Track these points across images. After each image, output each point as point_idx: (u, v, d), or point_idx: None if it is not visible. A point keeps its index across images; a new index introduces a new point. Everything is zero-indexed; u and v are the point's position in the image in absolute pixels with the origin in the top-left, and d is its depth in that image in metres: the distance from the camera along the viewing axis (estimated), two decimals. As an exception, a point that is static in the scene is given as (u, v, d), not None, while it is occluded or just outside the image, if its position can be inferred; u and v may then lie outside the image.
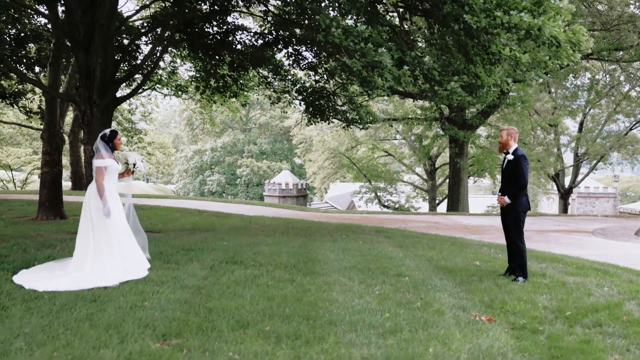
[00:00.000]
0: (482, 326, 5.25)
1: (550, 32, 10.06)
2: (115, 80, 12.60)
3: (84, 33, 11.90)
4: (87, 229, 6.90)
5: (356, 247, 10.17)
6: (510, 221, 7.83)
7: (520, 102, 23.17)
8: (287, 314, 5.30)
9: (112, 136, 7.24)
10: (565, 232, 16.51)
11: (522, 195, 7.69)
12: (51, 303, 5.42)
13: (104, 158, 7.03)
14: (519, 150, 7.72)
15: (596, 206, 63.69)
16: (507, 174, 7.78)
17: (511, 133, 7.85)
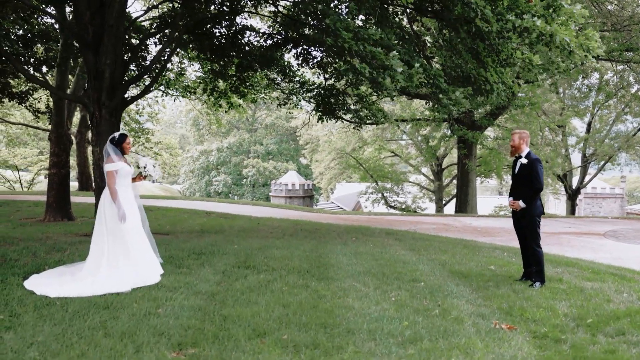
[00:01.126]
0: (503, 335, 5.13)
1: (561, 40, 9.94)
2: (125, 81, 12.51)
3: (93, 34, 11.81)
4: (101, 233, 6.83)
5: (368, 251, 10.05)
6: (527, 226, 7.68)
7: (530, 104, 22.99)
8: (304, 321, 5.20)
9: (121, 139, 7.17)
10: (576, 234, 16.34)
11: (536, 199, 7.56)
12: (63, 310, 5.33)
13: (114, 162, 6.96)
14: (532, 154, 7.60)
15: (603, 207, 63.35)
16: (521, 177, 7.63)
17: (523, 137, 7.70)
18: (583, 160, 42.92)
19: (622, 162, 43.93)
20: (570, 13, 10.41)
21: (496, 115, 26.60)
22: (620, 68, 33.56)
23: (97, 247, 6.80)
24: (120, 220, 6.78)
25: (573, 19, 10.45)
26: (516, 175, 7.75)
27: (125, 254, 6.72)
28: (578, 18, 10.53)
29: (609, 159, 41.64)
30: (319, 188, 57.09)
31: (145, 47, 15.28)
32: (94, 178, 12.21)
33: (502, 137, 32.96)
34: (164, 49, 12.85)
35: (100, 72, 11.83)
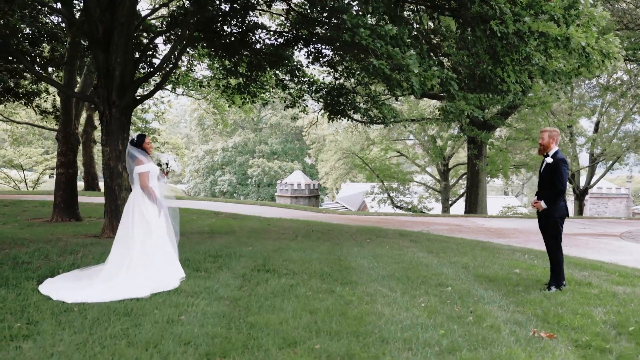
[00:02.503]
0: (545, 344, 4.88)
1: (577, 44, 9.70)
2: (135, 80, 12.30)
3: (103, 32, 11.60)
4: (125, 236, 6.65)
5: (386, 253, 9.81)
6: (547, 228, 7.40)
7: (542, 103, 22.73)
8: (335, 329, 4.95)
9: (140, 140, 7.05)
10: (592, 235, 16.07)
11: (559, 200, 7.27)
12: (82, 317, 5.10)
13: (144, 163, 6.84)
14: (559, 154, 7.31)
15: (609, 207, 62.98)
16: (545, 177, 7.36)
17: (553, 135, 7.41)
18: (591, 160, 42.60)
19: (630, 162, 43.57)
20: (591, 15, 10.17)
21: (507, 115, 26.31)
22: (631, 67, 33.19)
23: (119, 251, 6.61)
24: (161, 216, 6.78)
25: (594, 21, 10.20)
26: (541, 175, 7.48)
27: (148, 258, 6.53)
28: (599, 21, 10.29)
29: (618, 158, 41.33)
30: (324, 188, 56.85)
31: (155, 45, 15.05)
32: (103, 178, 11.98)
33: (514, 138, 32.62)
34: (175, 47, 12.62)
35: (110, 71, 11.62)
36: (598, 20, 10.29)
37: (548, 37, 9.87)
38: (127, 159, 7.06)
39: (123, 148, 11.73)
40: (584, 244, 14.04)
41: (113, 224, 11.62)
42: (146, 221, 6.69)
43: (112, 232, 11.57)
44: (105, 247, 9.15)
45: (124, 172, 11.72)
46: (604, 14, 10.46)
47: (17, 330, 4.65)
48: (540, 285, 7.38)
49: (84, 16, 13.15)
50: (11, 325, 4.77)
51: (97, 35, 11.64)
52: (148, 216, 6.71)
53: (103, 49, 11.62)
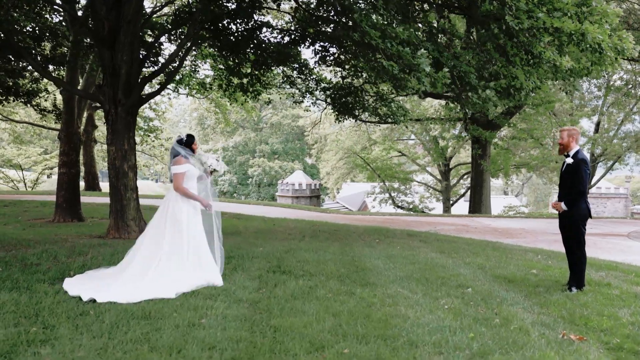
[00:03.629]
0: (577, 347, 4.75)
1: (594, 38, 9.55)
2: (142, 78, 12.14)
3: (109, 30, 11.45)
4: (156, 235, 6.57)
5: (399, 254, 9.67)
6: (570, 230, 7.23)
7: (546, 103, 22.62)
8: (361, 333, 4.81)
9: (190, 140, 6.97)
10: (600, 235, 15.98)
11: (580, 202, 7.08)
12: (100, 321, 4.94)
13: (181, 164, 6.75)
14: (579, 154, 7.11)
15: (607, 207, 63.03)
16: (566, 178, 7.17)
17: (573, 134, 7.22)
18: (592, 161, 42.53)
19: (631, 162, 43.53)
20: (604, 12, 10.04)
21: (512, 114, 26.20)
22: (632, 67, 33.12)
23: (149, 251, 6.50)
24: (207, 207, 6.76)
25: (606, 18, 10.07)
26: (562, 175, 7.31)
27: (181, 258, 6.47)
28: (612, 17, 10.16)
29: (618, 158, 41.29)
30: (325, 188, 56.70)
31: (160, 44, 14.89)
32: (109, 178, 11.81)
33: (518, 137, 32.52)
34: (182, 45, 12.46)
35: (116, 69, 11.47)
36: (611, 17, 10.16)
37: (562, 32, 9.72)
38: (170, 157, 6.99)
39: (129, 147, 11.58)
40: (593, 244, 13.93)
41: (119, 224, 11.47)
42: (178, 222, 6.58)
43: (118, 232, 11.43)
44: (113, 248, 9.04)
45: (130, 171, 11.58)
46: (617, 10, 10.33)
47: (34, 335, 4.49)
48: (559, 286, 7.26)
49: (89, 14, 13.00)
50: (27, 330, 4.61)
51: (103, 34, 11.48)
52: (181, 217, 6.60)
53: (109, 47, 11.46)
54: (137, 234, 11.40)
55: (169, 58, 12.52)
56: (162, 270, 6.29)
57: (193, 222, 6.72)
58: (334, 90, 15.64)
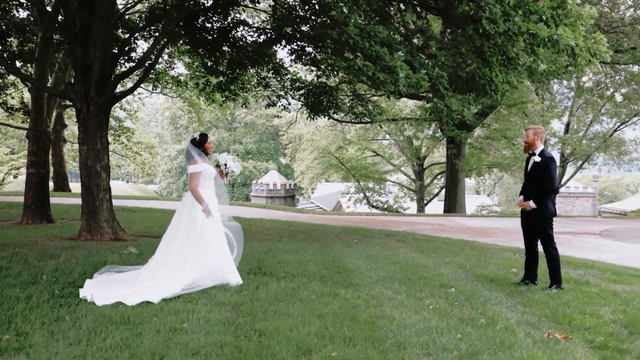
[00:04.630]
0: (563, 346, 4.72)
1: (566, 45, 9.65)
2: (115, 76, 11.87)
3: (81, 26, 11.15)
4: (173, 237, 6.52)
5: (379, 254, 9.62)
6: (539, 229, 7.24)
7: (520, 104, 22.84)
8: (348, 335, 4.71)
9: (202, 140, 6.81)
10: (573, 234, 16.17)
11: (549, 200, 7.13)
12: (77, 327, 4.75)
13: (197, 163, 6.64)
14: (546, 152, 7.17)
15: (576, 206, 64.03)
16: (533, 176, 7.18)
17: (538, 132, 7.26)
18: (562, 160, 43.16)
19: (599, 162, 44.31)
20: (579, 15, 10.12)
21: (486, 115, 26.39)
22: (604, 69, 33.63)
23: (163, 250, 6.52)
24: (206, 214, 6.51)
25: (581, 20, 10.16)
26: (528, 174, 7.30)
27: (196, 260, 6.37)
28: (587, 20, 10.25)
29: (587, 158, 41.97)
30: (300, 188, 56.53)
31: (135, 39, 14.59)
32: (80, 178, 11.51)
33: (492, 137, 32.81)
34: (157, 42, 12.21)
35: (88, 66, 11.18)
36: (586, 20, 10.24)
37: (537, 37, 9.79)
38: (185, 158, 6.94)
39: (101, 147, 11.30)
40: (567, 243, 14.08)
41: (91, 226, 11.16)
42: (194, 223, 6.49)
43: (90, 234, 11.12)
44: (87, 250, 8.80)
45: (103, 171, 11.29)
46: (591, 12, 10.42)
47: (7, 343, 4.28)
48: (540, 285, 7.25)
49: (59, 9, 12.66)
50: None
51: (75, 30, 11.18)
52: (197, 218, 6.52)
53: (81, 44, 11.16)
54: (110, 235, 11.16)
55: (144, 55, 12.28)
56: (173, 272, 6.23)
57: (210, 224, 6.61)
58: (308, 89, 15.51)
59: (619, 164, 43.18)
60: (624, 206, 56.63)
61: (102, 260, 7.81)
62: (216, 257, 6.50)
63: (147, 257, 8.31)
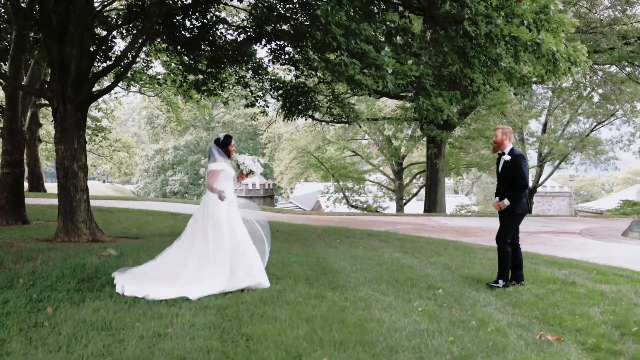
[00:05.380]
0: (557, 349, 4.65)
1: (548, 49, 9.66)
2: (93, 74, 11.61)
3: (57, 22, 10.88)
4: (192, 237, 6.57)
5: (363, 255, 9.52)
6: (505, 221, 7.24)
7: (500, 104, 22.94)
8: (338, 339, 4.59)
9: (226, 141, 6.81)
10: (553, 233, 16.25)
11: (522, 196, 7.13)
12: (56, 332, 4.56)
13: (218, 162, 6.68)
14: (515, 150, 7.19)
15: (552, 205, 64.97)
16: (505, 175, 7.18)
17: (506, 132, 7.28)
18: (539, 160, 43.58)
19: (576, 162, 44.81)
20: (561, 22, 10.14)
21: (466, 114, 26.46)
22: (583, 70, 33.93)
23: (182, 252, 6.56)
24: (220, 198, 6.51)
25: (563, 27, 10.18)
26: (500, 173, 7.29)
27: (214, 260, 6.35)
28: (568, 27, 10.27)
29: (564, 158, 42.41)
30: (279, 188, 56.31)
31: (113, 37, 14.31)
32: (57, 178, 11.24)
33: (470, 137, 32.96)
34: (135, 40, 11.97)
35: (65, 64, 10.92)
36: (567, 27, 10.26)
37: (519, 40, 9.79)
38: (207, 158, 6.95)
39: (79, 146, 11.04)
40: (549, 242, 14.14)
41: (68, 227, 10.90)
42: (215, 222, 6.47)
43: (67, 235, 10.86)
44: (64, 252, 8.55)
45: (80, 171, 11.04)
46: (573, 20, 10.45)
47: (-17, 350, 4.10)
48: (529, 286, 7.21)
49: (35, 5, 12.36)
50: (-25, 344, 4.21)
51: (51, 27, 10.90)
52: (218, 218, 6.49)
53: (57, 41, 10.89)
54: (88, 237, 10.91)
55: (123, 52, 12.04)
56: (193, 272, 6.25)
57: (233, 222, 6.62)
58: (287, 89, 15.37)
59: (596, 164, 43.69)
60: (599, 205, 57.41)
61: (80, 262, 7.58)
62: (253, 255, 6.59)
63: (127, 259, 8.16)
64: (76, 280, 6.46)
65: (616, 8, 24.05)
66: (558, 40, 9.88)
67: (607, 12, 24.62)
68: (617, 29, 23.07)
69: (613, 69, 28.43)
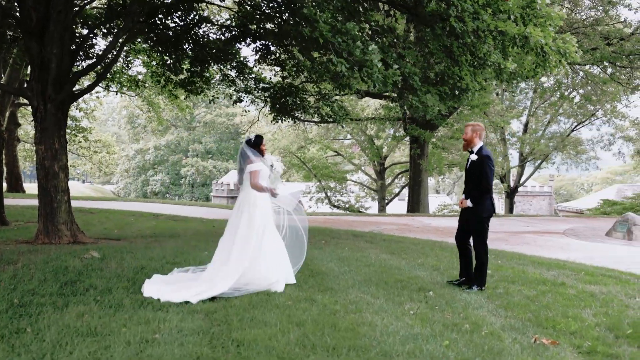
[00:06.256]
0: (553, 353, 4.59)
1: (536, 42, 9.64)
2: (74, 73, 11.38)
3: (37, 21, 10.64)
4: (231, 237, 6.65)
5: (350, 256, 9.42)
6: (473, 227, 7.12)
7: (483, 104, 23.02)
8: (330, 344, 4.48)
9: (258, 141, 6.96)
10: (537, 233, 16.30)
11: (486, 199, 7.00)
12: (39, 339, 4.40)
13: (255, 162, 6.78)
14: (484, 150, 7.01)
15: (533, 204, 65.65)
16: (471, 175, 7.08)
17: (476, 129, 7.13)
18: (520, 160, 43.88)
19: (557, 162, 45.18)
20: (548, 15, 10.13)
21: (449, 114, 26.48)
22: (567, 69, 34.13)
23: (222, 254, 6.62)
24: (273, 195, 6.80)
25: (550, 21, 10.17)
26: (467, 172, 7.20)
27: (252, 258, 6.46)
28: (556, 20, 10.26)
29: (545, 157, 42.75)
30: (260, 188, 55.96)
31: (95, 35, 14.05)
32: (37, 179, 11.00)
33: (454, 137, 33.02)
34: (117, 39, 11.76)
35: (45, 63, 10.67)
36: (555, 20, 10.26)
37: (506, 35, 9.76)
38: (238, 159, 7.03)
39: (59, 146, 10.81)
40: (533, 242, 14.17)
41: (48, 228, 10.66)
42: (254, 222, 6.58)
43: (47, 237, 10.62)
44: (46, 255, 8.35)
45: (61, 172, 10.80)
46: (561, 14, 10.46)
47: (-38, 359, 3.93)
48: (519, 288, 7.16)
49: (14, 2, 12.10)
50: (-46, 353, 4.04)
51: (31, 25, 10.66)
52: (256, 218, 6.61)
53: (37, 40, 10.65)
54: (69, 238, 10.69)
55: (104, 51, 11.81)
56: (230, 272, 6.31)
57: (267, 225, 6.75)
58: (274, 90, 15.24)
59: (578, 163, 44.10)
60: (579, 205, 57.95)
61: (62, 265, 7.39)
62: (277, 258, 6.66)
63: (109, 261, 7.98)
64: (59, 284, 6.27)
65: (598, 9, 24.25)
66: (547, 33, 9.86)
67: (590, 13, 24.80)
68: (599, 29, 23.27)
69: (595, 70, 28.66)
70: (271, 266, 6.52)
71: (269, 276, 6.42)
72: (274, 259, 6.62)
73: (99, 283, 6.41)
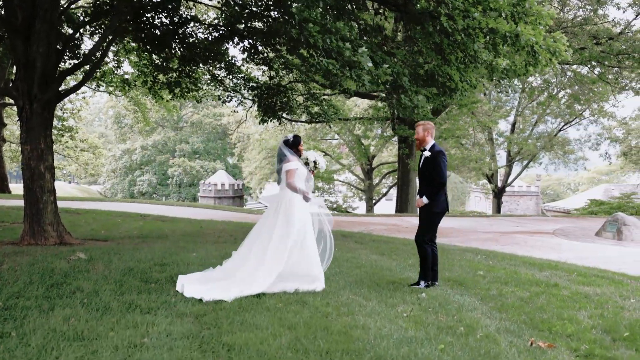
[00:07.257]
0: (550, 356, 4.54)
1: (527, 40, 9.62)
2: (60, 72, 11.21)
3: (23, 19, 10.47)
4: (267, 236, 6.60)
5: (340, 257, 9.29)
6: (424, 222, 7.13)
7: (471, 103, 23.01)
8: (324, 348, 4.39)
9: (296, 142, 7.00)
10: (527, 233, 16.30)
11: (440, 195, 7.03)
12: (24, 344, 4.27)
13: (292, 161, 6.82)
14: (436, 147, 7.09)
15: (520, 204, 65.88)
16: (425, 172, 7.10)
17: (428, 128, 7.19)
18: (508, 160, 44.01)
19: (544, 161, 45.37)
20: (539, 14, 10.12)
21: (438, 113, 26.42)
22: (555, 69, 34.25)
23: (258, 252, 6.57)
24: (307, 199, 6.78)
25: (541, 19, 10.16)
26: (421, 170, 7.21)
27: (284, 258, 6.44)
28: (546, 19, 10.25)
29: (533, 157, 42.92)
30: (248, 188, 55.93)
31: (82, 35, 13.87)
32: (23, 180, 10.83)
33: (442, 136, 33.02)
34: (103, 38, 11.60)
35: (31, 62, 10.51)
36: (545, 19, 10.24)
37: (497, 33, 9.73)
38: (276, 159, 7.07)
39: (45, 146, 10.64)
40: (524, 242, 14.16)
41: (34, 229, 10.49)
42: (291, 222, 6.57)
43: (33, 238, 10.46)
44: (31, 257, 8.19)
45: (47, 172, 10.64)
46: (551, 12, 10.42)
47: (-56, 365, 3.80)
48: (513, 289, 7.11)
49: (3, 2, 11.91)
50: None
51: (16, 23, 10.49)
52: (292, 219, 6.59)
53: (23, 38, 10.48)
54: (55, 239, 10.52)
55: (91, 51, 11.65)
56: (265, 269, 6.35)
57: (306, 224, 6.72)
58: (261, 90, 15.12)
59: (566, 163, 44.33)
60: (566, 205, 58.29)
61: (49, 267, 7.24)
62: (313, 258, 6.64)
63: (97, 263, 7.83)
64: (45, 287, 6.13)
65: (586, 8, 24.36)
66: (537, 32, 9.85)
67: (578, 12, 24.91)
68: (587, 29, 23.36)
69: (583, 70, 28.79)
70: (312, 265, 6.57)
71: (311, 274, 6.50)
72: (315, 258, 6.65)
73: (86, 285, 6.27)
